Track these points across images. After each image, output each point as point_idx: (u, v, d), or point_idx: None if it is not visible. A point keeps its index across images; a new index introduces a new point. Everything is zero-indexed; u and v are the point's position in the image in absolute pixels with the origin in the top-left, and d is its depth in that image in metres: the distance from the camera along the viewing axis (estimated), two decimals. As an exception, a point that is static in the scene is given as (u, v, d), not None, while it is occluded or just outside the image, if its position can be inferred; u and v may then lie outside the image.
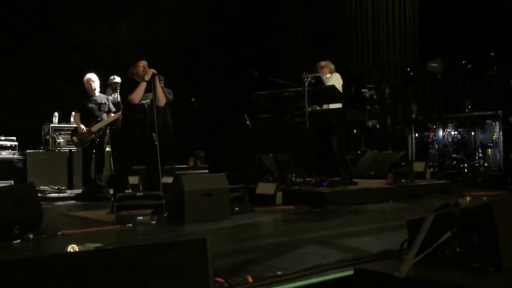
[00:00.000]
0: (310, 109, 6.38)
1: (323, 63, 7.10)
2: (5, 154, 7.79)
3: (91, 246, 3.15)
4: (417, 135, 9.27)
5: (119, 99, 7.84)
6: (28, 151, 7.97)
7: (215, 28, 11.47)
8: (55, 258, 1.97)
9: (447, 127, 8.85)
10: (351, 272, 2.64)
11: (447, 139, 8.80)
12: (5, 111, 8.47)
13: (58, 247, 3.63)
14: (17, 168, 7.60)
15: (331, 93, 6.59)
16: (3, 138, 8.00)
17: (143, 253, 2.07)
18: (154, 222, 4.74)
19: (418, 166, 7.41)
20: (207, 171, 8.56)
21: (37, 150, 8.23)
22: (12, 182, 6.92)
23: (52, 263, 1.90)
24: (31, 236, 4.00)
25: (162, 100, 5.75)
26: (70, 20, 10.61)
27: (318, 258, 3.10)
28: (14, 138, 8.09)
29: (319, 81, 6.68)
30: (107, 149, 7.81)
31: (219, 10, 11.64)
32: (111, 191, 6.51)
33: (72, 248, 2.82)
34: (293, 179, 6.57)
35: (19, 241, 3.90)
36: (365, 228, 4.38)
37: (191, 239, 2.23)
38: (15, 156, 7.80)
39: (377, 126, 9.58)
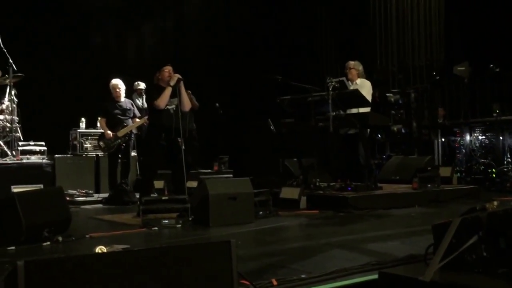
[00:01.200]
0: (334, 113, 6.37)
1: (351, 64, 7.02)
2: (34, 158, 7.96)
3: (118, 247, 3.21)
4: (443, 140, 9.16)
5: (144, 104, 7.95)
6: (56, 155, 8.12)
7: (239, 33, 11.55)
8: (84, 258, 2.03)
9: (474, 132, 8.73)
10: (375, 276, 2.64)
11: (475, 143, 8.68)
12: (35, 117, 8.66)
13: (86, 249, 3.70)
14: (46, 172, 7.75)
15: (355, 98, 6.56)
16: (32, 143, 8.18)
17: (169, 254, 2.11)
18: (179, 225, 4.80)
19: (445, 171, 7.32)
20: (231, 175, 8.61)
21: (65, 155, 8.39)
22: (41, 186, 7.04)
23: (82, 264, 1.95)
24: (60, 238, 4.09)
25: (187, 105, 5.82)
26: (96, 27, 10.81)
27: (342, 262, 3.09)
28: (43, 143, 8.27)
29: (343, 85, 6.66)
30: (133, 153, 7.91)
31: (243, 16, 11.72)
32: (137, 195, 6.61)
33: (100, 249, 2.88)
34: (317, 184, 6.56)
35: (48, 243, 3.99)
36: (390, 233, 4.36)
37: (215, 241, 2.27)
38: (44, 160, 7.96)
39: (403, 130, 9.49)
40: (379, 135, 9.76)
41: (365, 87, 6.85)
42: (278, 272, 2.92)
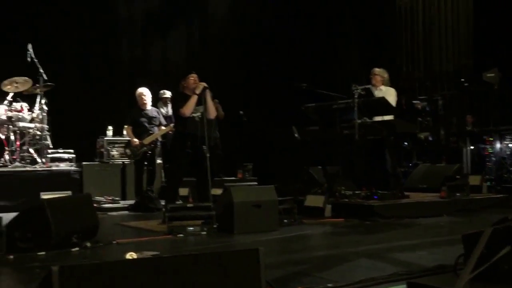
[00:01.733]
0: (359, 121, 6.33)
1: (377, 71, 6.98)
2: (63, 166, 8.10)
3: (148, 253, 3.24)
4: (472, 147, 9.00)
5: (170, 112, 8.03)
6: (84, 163, 8.25)
7: (263, 41, 11.58)
8: (116, 264, 2.05)
9: (504, 139, 8.55)
10: (403, 286, 2.60)
11: (505, 151, 8.50)
12: (64, 125, 8.82)
13: (114, 255, 3.74)
14: (74, 179, 7.87)
15: (381, 105, 6.51)
16: (61, 150, 8.33)
17: (198, 262, 2.12)
18: (204, 232, 4.81)
19: (474, 180, 7.18)
20: (255, 183, 8.60)
21: (92, 162, 8.52)
22: (70, 192, 7.16)
23: (114, 269, 1.97)
24: (88, 244, 4.15)
25: (212, 113, 5.85)
26: (122, 37, 10.98)
27: (369, 271, 3.06)
28: (72, 150, 8.41)
29: (369, 93, 6.62)
30: (159, 161, 7.97)
31: (267, 24, 11.75)
32: (163, 202, 6.65)
33: (131, 255, 2.91)
34: (342, 192, 6.51)
35: (77, 249, 4.05)
36: (418, 242, 4.29)
37: (244, 249, 2.27)
38: (72, 168, 8.09)
39: (430, 138, 9.37)
40: (406, 143, 9.65)
41: (390, 94, 6.80)
42: (304, 281, 2.90)
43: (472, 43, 10.38)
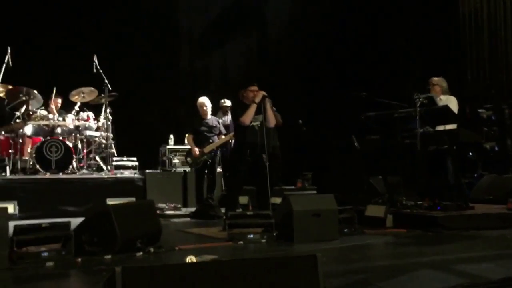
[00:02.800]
0: (421, 130, 6.20)
1: (435, 80, 6.83)
2: (127, 173, 8.40)
3: (207, 257, 3.30)
4: (541, 158, 8.60)
5: (229, 121, 8.15)
6: (147, 170, 8.50)
7: (322, 50, 11.56)
8: (176, 267, 2.12)
9: None
10: (469, 298, 2.53)
11: None
12: (128, 135, 9.15)
13: (176, 260, 3.84)
14: (138, 187, 8.12)
15: (444, 114, 6.35)
16: (125, 158, 8.64)
17: (257, 266, 2.15)
18: (264, 240, 4.84)
19: (544, 191, 6.85)
20: (315, 192, 8.57)
21: (155, 170, 8.77)
22: (134, 199, 7.42)
23: (174, 272, 2.04)
24: (151, 249, 4.28)
25: (272, 121, 5.90)
26: (183, 48, 11.29)
27: (432, 283, 2.99)
28: (135, 158, 8.71)
29: (432, 101, 6.47)
30: (219, 169, 8.11)
31: (325, 32, 11.73)
32: (223, 210, 6.75)
33: (191, 259, 2.98)
34: (404, 202, 6.38)
35: (141, 253, 4.18)
36: (483, 254, 4.16)
37: (301, 255, 2.28)
38: (136, 175, 8.36)
39: (496, 148, 9.02)
40: (470, 153, 9.33)
41: (451, 103, 6.62)
42: (365, 290, 2.88)
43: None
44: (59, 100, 8.74)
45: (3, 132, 7.80)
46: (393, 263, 3.90)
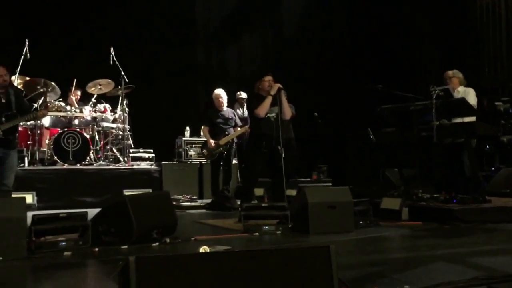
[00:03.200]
0: (438, 122, 6.15)
1: (450, 73, 6.77)
2: (144, 165, 8.47)
3: (220, 248, 3.33)
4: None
5: (245, 113, 8.17)
6: (163, 162, 8.57)
7: (338, 42, 11.50)
8: (189, 257, 2.15)
9: None
10: (485, 291, 2.52)
11: None
12: (145, 127, 9.22)
13: (191, 251, 3.87)
14: (154, 178, 8.19)
15: (461, 106, 6.28)
16: (142, 150, 8.72)
17: (270, 257, 2.16)
18: (279, 232, 4.86)
19: (563, 184, 6.77)
20: (330, 184, 8.56)
21: (171, 162, 8.83)
22: (150, 190, 7.48)
23: (187, 261, 2.07)
24: (167, 240, 4.32)
25: (287, 113, 5.89)
26: (199, 41, 11.31)
27: (448, 275, 2.98)
28: (152, 150, 8.78)
29: (448, 94, 6.41)
30: (234, 161, 8.13)
31: (342, 24, 11.66)
32: (238, 202, 6.78)
33: (204, 249, 3.01)
34: (420, 195, 6.35)
35: (157, 244, 4.23)
36: (501, 248, 4.12)
37: (314, 246, 2.28)
38: (152, 166, 8.44)
39: (513, 141, 8.91)
40: (487, 146, 9.23)
41: (469, 95, 6.56)
42: (380, 281, 2.88)
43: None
44: (79, 92, 8.84)
45: (25, 122, 7.90)
46: (409, 255, 3.90)
